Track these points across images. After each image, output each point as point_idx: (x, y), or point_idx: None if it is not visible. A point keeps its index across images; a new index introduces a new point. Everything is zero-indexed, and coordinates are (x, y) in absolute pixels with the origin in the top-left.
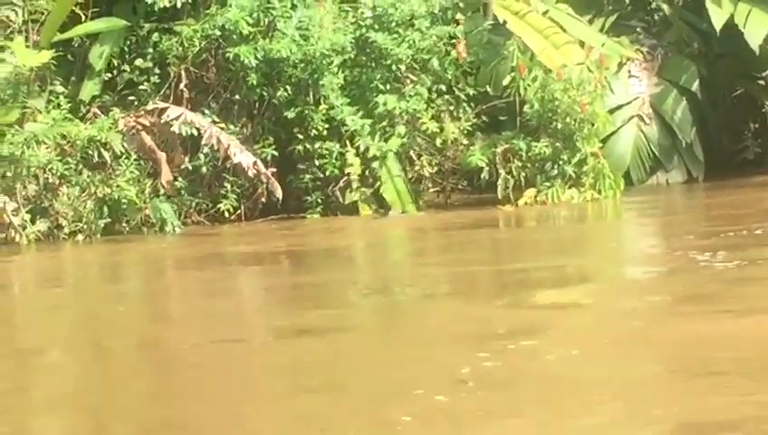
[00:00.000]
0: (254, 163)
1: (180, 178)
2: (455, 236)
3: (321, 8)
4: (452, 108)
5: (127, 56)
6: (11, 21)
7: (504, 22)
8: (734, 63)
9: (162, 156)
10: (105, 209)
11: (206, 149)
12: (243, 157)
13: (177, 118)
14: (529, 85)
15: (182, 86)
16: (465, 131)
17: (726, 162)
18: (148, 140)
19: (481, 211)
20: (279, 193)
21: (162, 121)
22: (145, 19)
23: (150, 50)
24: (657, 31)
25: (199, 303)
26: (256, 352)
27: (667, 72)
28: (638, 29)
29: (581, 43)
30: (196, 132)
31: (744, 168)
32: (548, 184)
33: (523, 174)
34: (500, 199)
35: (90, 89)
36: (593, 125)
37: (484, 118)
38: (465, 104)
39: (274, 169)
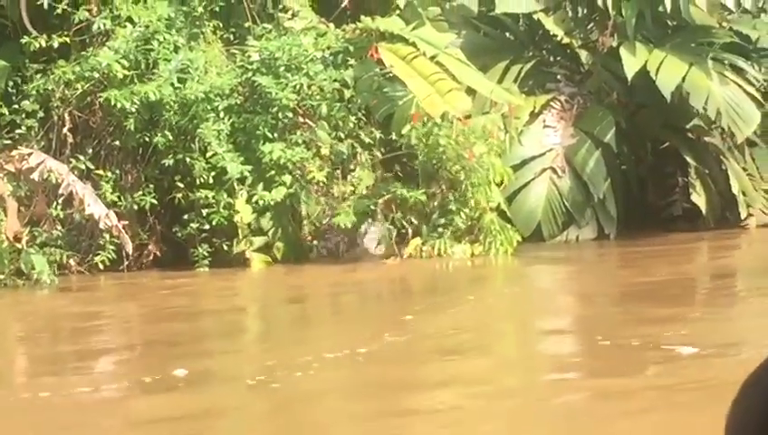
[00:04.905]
0: (106, 215)
1: (59, 228)
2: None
3: (207, 51)
4: (359, 154)
5: (13, 97)
6: None
7: (391, 66)
8: (657, 114)
9: (12, 205)
10: None
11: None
12: (96, 208)
13: (37, 165)
14: (422, 135)
15: (65, 130)
16: (362, 181)
17: (652, 218)
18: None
19: (364, 264)
20: (129, 247)
21: (24, 168)
22: (32, 60)
23: (34, 92)
24: (579, 79)
25: None
26: None
27: (582, 122)
28: (558, 76)
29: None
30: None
31: (670, 224)
32: (435, 235)
33: (408, 225)
34: (384, 252)
35: None
36: (487, 176)
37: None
38: (374, 151)
39: (126, 222)
